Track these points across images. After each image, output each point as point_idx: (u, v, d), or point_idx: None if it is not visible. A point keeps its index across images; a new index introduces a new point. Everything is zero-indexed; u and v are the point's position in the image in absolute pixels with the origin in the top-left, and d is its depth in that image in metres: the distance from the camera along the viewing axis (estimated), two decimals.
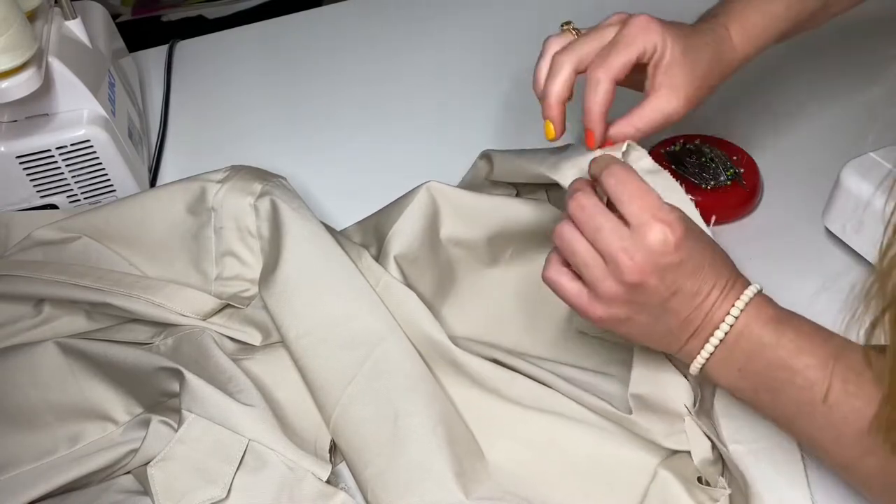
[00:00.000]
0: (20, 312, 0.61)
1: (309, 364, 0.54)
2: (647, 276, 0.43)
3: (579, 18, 0.58)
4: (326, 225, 0.61)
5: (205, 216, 0.62)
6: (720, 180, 0.66)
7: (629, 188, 0.44)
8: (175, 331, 0.57)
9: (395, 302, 0.56)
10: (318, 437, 0.53)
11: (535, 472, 0.52)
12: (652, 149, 0.70)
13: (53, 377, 0.54)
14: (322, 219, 0.61)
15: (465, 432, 0.53)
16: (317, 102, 0.85)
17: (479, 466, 0.52)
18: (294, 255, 0.57)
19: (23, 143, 0.65)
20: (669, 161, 0.68)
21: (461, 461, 0.50)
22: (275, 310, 0.56)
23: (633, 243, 0.43)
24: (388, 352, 0.54)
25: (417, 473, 0.49)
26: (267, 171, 0.65)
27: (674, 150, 0.69)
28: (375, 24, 0.95)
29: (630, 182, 0.44)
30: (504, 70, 0.86)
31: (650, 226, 0.42)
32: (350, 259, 0.57)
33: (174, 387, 0.53)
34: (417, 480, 0.49)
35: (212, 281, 0.61)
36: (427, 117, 0.81)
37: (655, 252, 0.42)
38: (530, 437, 0.54)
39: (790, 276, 0.62)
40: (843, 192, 0.58)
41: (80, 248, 0.62)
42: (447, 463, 0.49)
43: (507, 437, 0.54)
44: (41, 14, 0.68)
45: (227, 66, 0.91)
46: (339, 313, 0.55)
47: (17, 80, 0.60)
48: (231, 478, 0.48)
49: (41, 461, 0.52)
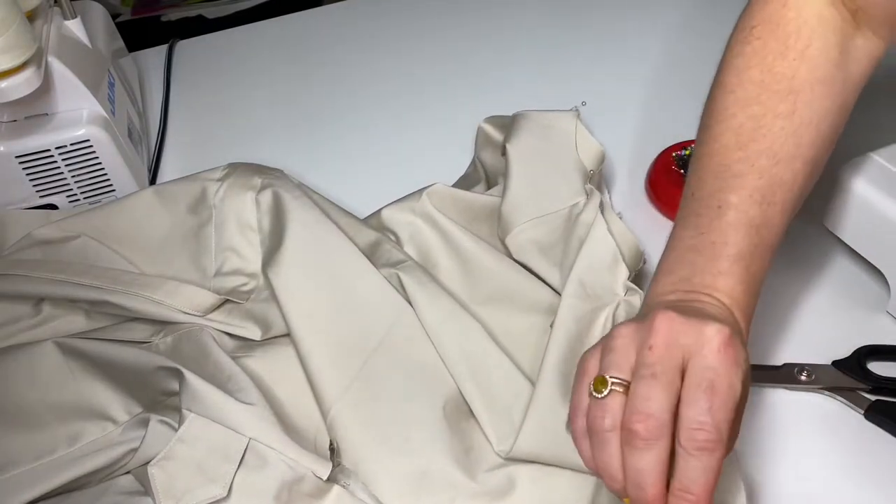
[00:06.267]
0: (19, 312, 0.61)
1: (313, 346, 0.54)
2: None
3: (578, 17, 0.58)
4: (339, 208, 0.62)
5: (205, 215, 0.63)
6: None
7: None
8: (174, 329, 0.57)
9: (416, 282, 0.56)
10: (318, 435, 0.53)
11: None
12: (662, 153, 0.70)
13: (52, 377, 0.54)
14: None
15: (469, 417, 0.53)
16: (317, 102, 0.85)
17: (485, 447, 0.52)
18: (299, 237, 0.58)
19: (22, 143, 0.65)
20: (679, 166, 0.68)
21: (465, 442, 0.51)
22: (280, 289, 0.56)
23: None
24: (396, 333, 0.54)
25: (422, 460, 0.50)
26: (264, 166, 0.66)
27: (684, 154, 0.69)
28: (375, 24, 0.95)
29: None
30: (505, 68, 0.86)
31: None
32: (354, 244, 0.58)
33: (174, 386, 0.52)
34: (422, 469, 0.50)
35: (210, 276, 0.61)
36: (427, 116, 0.81)
37: None
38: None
39: (790, 276, 0.62)
40: (843, 192, 0.58)
41: (78, 247, 0.62)
42: (450, 449, 0.50)
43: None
44: (41, 14, 0.68)
45: (227, 66, 0.91)
46: (346, 293, 0.56)
47: (17, 80, 0.59)
48: (232, 477, 0.48)
49: (40, 461, 0.52)
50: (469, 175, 0.71)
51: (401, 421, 0.52)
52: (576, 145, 0.64)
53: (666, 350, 0.37)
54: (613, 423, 0.37)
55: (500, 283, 0.59)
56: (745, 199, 0.46)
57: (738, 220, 0.45)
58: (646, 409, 0.36)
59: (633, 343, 0.39)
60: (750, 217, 0.45)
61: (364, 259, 0.58)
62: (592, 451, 0.39)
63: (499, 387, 0.53)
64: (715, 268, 0.44)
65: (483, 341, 0.54)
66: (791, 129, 0.47)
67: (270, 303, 0.58)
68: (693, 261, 0.45)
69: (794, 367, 0.55)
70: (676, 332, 0.38)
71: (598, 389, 0.38)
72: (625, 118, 0.50)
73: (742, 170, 0.46)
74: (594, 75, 0.84)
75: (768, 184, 0.46)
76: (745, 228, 0.45)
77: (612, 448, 0.37)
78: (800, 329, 0.58)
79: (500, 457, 0.51)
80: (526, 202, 0.61)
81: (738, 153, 0.47)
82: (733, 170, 0.46)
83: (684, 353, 0.37)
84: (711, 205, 0.46)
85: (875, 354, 0.56)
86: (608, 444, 0.38)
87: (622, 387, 0.37)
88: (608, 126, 0.73)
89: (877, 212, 0.56)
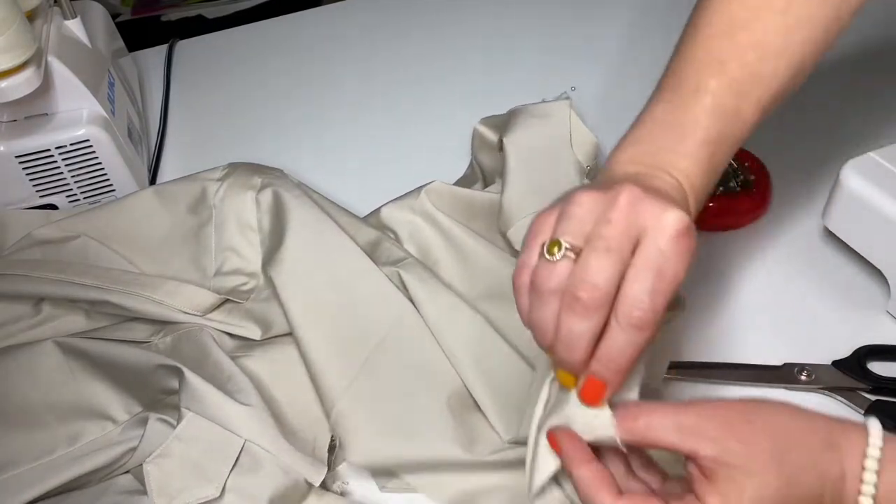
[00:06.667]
0: (19, 312, 0.61)
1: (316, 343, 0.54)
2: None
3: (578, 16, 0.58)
4: (339, 207, 0.62)
5: (205, 214, 0.63)
6: (729, 186, 0.66)
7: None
8: (174, 329, 0.57)
9: (418, 279, 0.57)
10: (318, 434, 0.53)
11: None
12: None
13: (52, 377, 0.54)
14: None
15: (474, 410, 0.53)
16: (316, 101, 0.85)
17: (491, 438, 0.52)
18: (300, 235, 0.58)
19: (22, 143, 0.65)
20: None
21: (471, 433, 0.51)
22: (282, 288, 0.56)
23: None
24: (399, 330, 0.55)
25: (429, 449, 0.50)
26: (264, 166, 0.66)
27: None
28: (375, 24, 0.95)
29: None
30: (505, 68, 0.86)
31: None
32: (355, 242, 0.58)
33: (173, 384, 0.52)
34: (430, 455, 0.50)
35: (210, 276, 0.62)
36: (426, 115, 0.81)
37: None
38: None
39: (790, 276, 0.62)
40: (843, 192, 0.58)
41: (78, 247, 0.62)
42: (456, 438, 0.50)
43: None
44: (41, 13, 0.68)
45: (227, 66, 0.91)
46: (347, 291, 0.56)
47: (17, 80, 0.59)
48: (226, 477, 0.48)
49: (40, 461, 0.52)
50: (467, 176, 0.71)
51: (406, 414, 0.52)
52: (570, 136, 0.65)
53: (625, 226, 0.38)
54: (559, 286, 0.38)
55: (500, 279, 0.59)
56: (723, 86, 0.45)
57: (713, 106, 0.45)
58: (593, 280, 0.37)
59: (592, 213, 0.39)
60: (725, 105, 0.45)
61: (365, 257, 0.58)
62: (530, 306, 0.40)
63: (504, 378, 0.53)
64: (681, 148, 0.44)
65: (487, 334, 0.55)
66: (783, 25, 0.47)
67: (270, 302, 0.58)
68: (661, 136, 0.45)
69: (794, 367, 0.55)
70: (637, 211, 0.38)
71: (550, 252, 0.38)
72: (623, 117, 0.50)
73: (727, 57, 0.46)
74: (594, 74, 0.84)
75: (749, 77, 0.46)
76: (719, 115, 0.45)
77: (550, 308, 0.38)
78: (800, 329, 0.58)
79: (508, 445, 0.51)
80: (527, 195, 0.61)
81: (726, 40, 0.47)
82: (718, 55, 0.46)
83: (640, 231, 0.38)
84: (689, 85, 0.46)
85: (875, 354, 0.56)
86: (548, 305, 0.38)
87: (574, 253, 0.38)
88: (607, 121, 0.73)
89: (877, 212, 0.56)
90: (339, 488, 0.52)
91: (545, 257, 0.38)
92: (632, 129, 0.46)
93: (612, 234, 0.38)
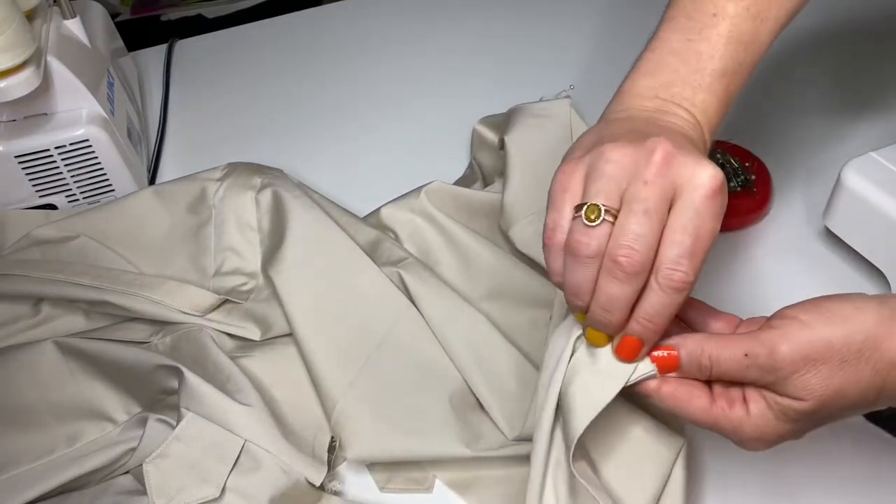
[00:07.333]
0: (18, 312, 0.61)
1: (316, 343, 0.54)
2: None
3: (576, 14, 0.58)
4: (339, 207, 0.62)
5: (205, 214, 0.63)
6: (729, 186, 0.66)
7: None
8: (173, 329, 0.57)
9: (418, 278, 0.57)
10: (319, 434, 0.53)
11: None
12: None
13: (52, 377, 0.54)
14: None
15: (477, 409, 0.54)
16: (316, 101, 0.85)
17: (494, 436, 0.52)
18: (300, 235, 0.58)
19: (22, 143, 0.65)
20: None
21: (474, 431, 0.51)
22: (282, 288, 0.56)
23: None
24: (399, 330, 0.55)
25: (432, 445, 0.51)
26: (264, 166, 0.66)
27: None
28: (375, 24, 0.95)
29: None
30: (505, 68, 0.86)
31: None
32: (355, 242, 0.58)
33: (173, 384, 0.52)
34: (433, 451, 0.51)
35: (210, 276, 0.61)
36: (426, 115, 0.81)
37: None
38: None
39: (790, 276, 0.62)
40: (843, 192, 0.58)
41: (78, 247, 0.62)
42: (460, 436, 0.51)
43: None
44: (40, 13, 0.68)
45: (227, 66, 0.91)
46: (348, 291, 0.56)
47: (16, 80, 0.59)
48: (225, 478, 0.48)
49: (40, 461, 0.52)
50: (467, 176, 0.71)
51: (409, 412, 0.52)
52: (571, 135, 0.65)
53: (661, 186, 0.37)
54: (598, 251, 0.37)
55: (501, 278, 0.59)
56: (741, 10, 0.44)
57: (730, 34, 0.44)
58: (634, 245, 0.37)
59: (626, 169, 0.38)
60: (741, 31, 0.44)
61: (365, 257, 0.58)
62: (565, 269, 0.39)
63: (507, 376, 0.53)
64: (697, 80, 0.43)
65: (488, 333, 0.55)
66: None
67: (270, 303, 0.58)
68: (676, 68, 0.44)
69: None
70: (672, 168, 0.37)
71: (588, 217, 0.37)
72: None
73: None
74: (594, 73, 0.84)
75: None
76: (735, 44, 0.44)
77: (589, 272, 0.38)
78: None
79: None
80: (528, 194, 0.61)
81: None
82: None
83: (676, 190, 0.37)
84: (706, 10, 0.45)
85: None
86: (587, 269, 0.38)
87: (612, 216, 0.37)
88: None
89: (877, 212, 0.56)
90: (334, 488, 0.52)
91: (584, 223, 0.38)
92: (644, 59, 0.45)
93: (649, 196, 0.37)
